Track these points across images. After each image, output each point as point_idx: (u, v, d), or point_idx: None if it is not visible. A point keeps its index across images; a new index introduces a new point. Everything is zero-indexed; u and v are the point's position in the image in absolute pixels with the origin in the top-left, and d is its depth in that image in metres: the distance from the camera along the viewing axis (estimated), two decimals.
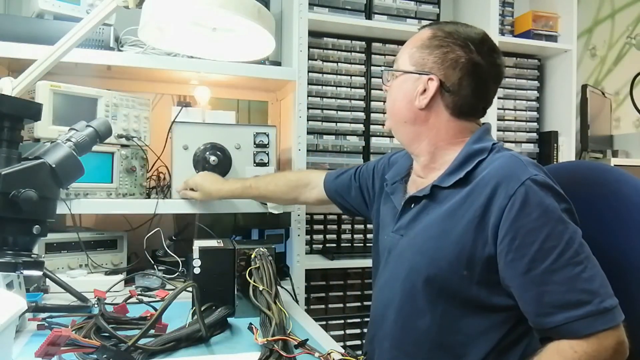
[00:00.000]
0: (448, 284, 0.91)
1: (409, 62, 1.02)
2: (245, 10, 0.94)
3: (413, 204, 1.02)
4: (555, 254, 0.82)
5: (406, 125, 1.03)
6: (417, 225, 0.99)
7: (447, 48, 0.98)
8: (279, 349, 0.87)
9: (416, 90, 1.00)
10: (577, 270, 0.82)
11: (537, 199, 0.85)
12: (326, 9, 1.93)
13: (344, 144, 1.99)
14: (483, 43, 0.99)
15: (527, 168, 0.89)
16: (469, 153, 0.97)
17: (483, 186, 0.90)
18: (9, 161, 0.78)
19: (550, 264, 0.82)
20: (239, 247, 1.16)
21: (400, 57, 1.06)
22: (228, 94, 1.88)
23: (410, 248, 0.98)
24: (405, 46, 1.05)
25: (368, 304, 2.01)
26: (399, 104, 1.04)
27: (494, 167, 0.91)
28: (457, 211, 0.92)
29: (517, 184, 0.86)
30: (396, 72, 1.05)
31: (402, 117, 1.03)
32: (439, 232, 0.94)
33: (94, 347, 0.85)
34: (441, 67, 0.98)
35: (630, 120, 2.76)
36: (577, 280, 0.81)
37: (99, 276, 1.41)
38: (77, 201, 1.34)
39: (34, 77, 0.87)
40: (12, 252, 0.76)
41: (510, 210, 0.85)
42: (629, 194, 0.98)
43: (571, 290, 0.81)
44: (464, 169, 0.95)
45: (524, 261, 0.84)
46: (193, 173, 1.47)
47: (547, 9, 2.26)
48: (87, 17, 0.92)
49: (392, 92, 1.06)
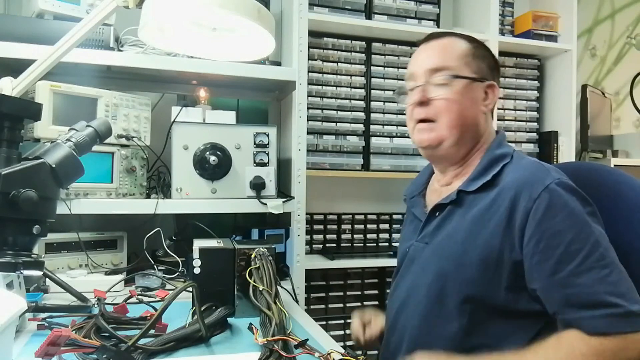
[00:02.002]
0: (476, 289, 0.91)
1: (468, 69, 1.02)
2: (245, 10, 0.94)
3: (438, 212, 1.03)
4: (581, 257, 0.83)
5: (471, 132, 1.02)
6: (442, 231, 1.00)
7: (490, 56, 1.06)
8: (279, 349, 0.87)
9: (481, 97, 1.03)
10: (604, 273, 0.82)
11: (561, 202, 0.86)
12: (326, 9, 1.93)
13: (344, 144, 1.99)
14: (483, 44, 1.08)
15: (550, 172, 0.90)
16: (493, 158, 0.99)
17: (507, 190, 0.91)
18: (9, 161, 0.78)
19: (576, 267, 0.83)
20: (239, 247, 1.16)
21: (451, 64, 1.01)
22: (228, 94, 1.88)
23: (436, 254, 0.99)
24: (448, 53, 1.02)
25: (368, 304, 2.02)
26: (469, 112, 1.01)
27: (518, 172, 0.93)
28: (484, 215, 0.93)
29: (541, 187, 0.87)
30: (461, 80, 1.00)
31: (471, 123, 1.02)
32: (465, 237, 0.94)
33: (94, 347, 0.85)
34: (492, 74, 1.05)
35: (630, 120, 2.76)
36: (603, 282, 0.82)
37: (99, 276, 1.41)
38: (77, 201, 1.34)
39: (34, 77, 0.87)
40: (12, 252, 0.76)
41: (535, 213, 0.86)
42: (629, 195, 0.99)
43: (598, 292, 0.82)
44: (490, 172, 0.96)
45: (550, 263, 0.85)
46: (193, 173, 1.47)
47: (547, 9, 2.26)
48: (87, 17, 0.92)
49: (454, 100, 1.00)
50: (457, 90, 1.00)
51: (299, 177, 1.66)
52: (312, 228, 2.01)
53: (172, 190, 1.46)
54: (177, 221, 1.75)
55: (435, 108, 1.01)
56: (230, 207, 1.51)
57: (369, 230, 2.10)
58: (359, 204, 2.18)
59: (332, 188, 2.14)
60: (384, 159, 2.03)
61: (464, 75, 1.01)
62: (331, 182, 2.10)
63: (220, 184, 1.50)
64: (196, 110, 1.54)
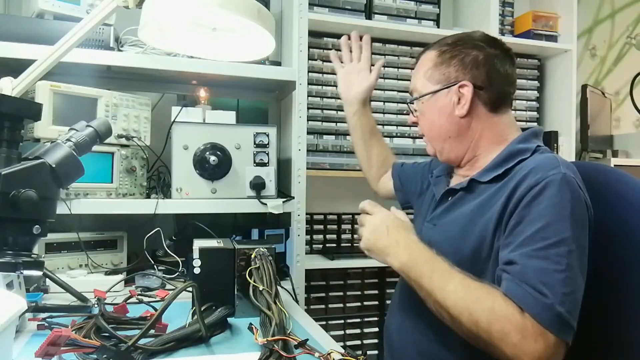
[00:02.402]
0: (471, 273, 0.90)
1: (431, 83, 1.05)
2: (245, 10, 0.94)
3: (450, 197, 1.06)
4: (542, 244, 0.83)
5: (451, 139, 1.05)
6: (449, 215, 1.03)
7: (460, 54, 1.03)
8: (279, 349, 0.87)
9: (451, 102, 1.03)
10: (554, 268, 0.81)
11: (551, 192, 0.86)
12: (326, 9, 1.93)
13: (344, 144, 1.99)
14: (487, 37, 1.06)
15: (559, 166, 0.89)
16: (512, 151, 0.99)
17: (513, 180, 0.92)
18: (9, 161, 0.78)
19: (533, 250, 0.83)
20: (239, 247, 1.16)
21: (417, 85, 1.09)
22: (228, 94, 1.88)
23: (440, 235, 1.01)
24: (416, 74, 1.10)
25: (368, 304, 2.02)
26: (439, 123, 1.06)
27: (528, 164, 0.93)
28: (485, 204, 0.95)
29: (542, 177, 0.87)
30: (422, 99, 1.07)
31: (446, 132, 1.05)
32: (466, 222, 0.96)
33: (94, 347, 0.85)
34: (465, 72, 1.02)
35: (630, 120, 2.76)
36: (547, 274, 0.81)
37: (99, 276, 1.41)
38: (77, 201, 1.34)
39: (34, 77, 0.87)
40: (12, 252, 0.76)
41: (525, 198, 0.87)
42: (629, 195, 0.98)
43: (535, 278, 0.81)
44: (504, 166, 0.97)
45: (514, 243, 0.86)
46: (193, 173, 1.47)
47: (547, 9, 2.26)
48: (87, 17, 0.92)
49: (426, 117, 1.08)
50: (423, 108, 1.08)
51: (299, 177, 1.66)
52: (312, 228, 2.01)
53: (172, 190, 1.46)
54: (177, 221, 1.75)
55: (419, 125, 1.12)
56: (230, 207, 1.51)
57: None
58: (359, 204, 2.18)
59: (332, 188, 2.14)
60: None
61: (424, 92, 1.06)
62: (331, 182, 2.10)
63: (220, 184, 1.50)
64: (196, 110, 1.54)
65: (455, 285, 0.86)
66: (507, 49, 1.06)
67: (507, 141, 1.03)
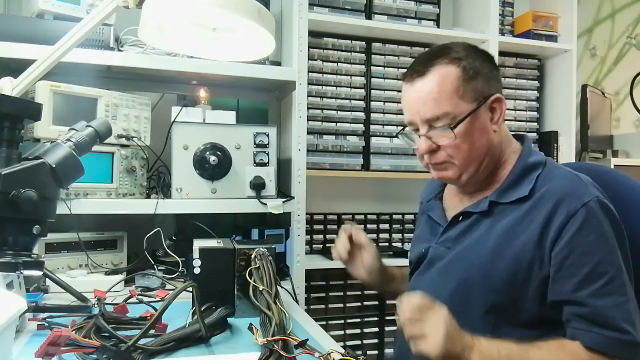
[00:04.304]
0: (502, 300, 0.91)
1: (466, 103, 0.94)
2: (245, 10, 0.94)
3: (461, 218, 1.02)
4: (605, 280, 0.84)
5: (488, 158, 0.99)
6: (468, 239, 0.99)
7: (479, 67, 0.96)
8: (279, 349, 0.87)
9: (487, 119, 0.97)
10: (622, 300, 0.84)
11: (596, 222, 0.87)
12: (326, 9, 1.93)
13: (344, 144, 1.99)
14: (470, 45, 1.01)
15: (589, 188, 0.90)
16: (526, 167, 0.97)
17: (544, 204, 0.90)
18: (9, 161, 0.78)
19: (598, 288, 0.84)
20: (239, 247, 1.16)
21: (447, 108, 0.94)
22: (228, 94, 1.88)
23: (461, 261, 0.98)
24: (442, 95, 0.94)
25: (368, 304, 2.02)
26: (479, 143, 0.96)
27: (556, 186, 0.92)
28: (516, 227, 0.92)
29: (579, 204, 0.87)
30: (456, 125, 0.94)
31: (486, 153, 0.98)
32: (495, 247, 0.93)
33: (94, 347, 0.85)
34: (490, 84, 0.97)
35: (630, 120, 2.76)
36: (620, 308, 0.84)
37: (99, 276, 1.41)
38: (77, 201, 1.34)
39: (34, 77, 0.87)
40: (12, 252, 0.76)
41: (570, 229, 0.87)
42: (629, 195, 0.98)
43: (614, 317, 0.83)
44: (526, 184, 0.95)
45: (574, 280, 0.86)
46: (193, 173, 1.47)
47: (547, 9, 2.26)
48: (87, 17, 0.92)
49: (464, 140, 0.95)
50: (462, 131, 0.94)
51: (299, 177, 1.66)
52: (312, 228, 2.01)
53: (172, 190, 1.46)
54: (177, 221, 1.75)
55: (445, 152, 0.97)
56: (230, 207, 1.51)
57: (369, 230, 2.09)
58: (359, 204, 2.18)
59: (332, 188, 2.14)
60: (383, 159, 2.03)
61: (464, 114, 0.94)
62: (331, 182, 2.10)
63: (220, 184, 1.50)
64: (196, 110, 1.54)
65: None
66: (492, 55, 1.04)
67: (514, 152, 1.01)
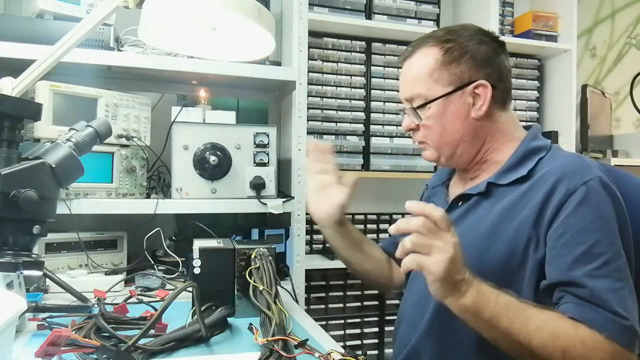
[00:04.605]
0: (497, 284, 0.87)
1: (440, 84, 0.96)
2: (245, 10, 0.94)
3: (461, 202, 1.01)
4: (600, 261, 0.81)
5: (465, 144, 1.00)
6: (466, 222, 0.97)
7: (471, 51, 0.97)
8: (279, 349, 0.87)
9: (467, 105, 0.97)
10: (617, 285, 0.81)
11: (596, 201, 0.84)
12: (326, 9, 1.93)
13: (344, 144, 1.99)
14: (484, 30, 1.01)
15: (592, 168, 0.88)
16: (528, 150, 0.96)
17: (543, 182, 0.88)
18: (9, 161, 0.78)
19: (593, 269, 0.81)
20: (239, 247, 1.16)
21: (419, 89, 0.98)
22: (228, 94, 1.88)
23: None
24: (415, 77, 0.98)
25: (368, 304, 2.02)
26: (452, 128, 0.98)
27: (557, 164, 0.90)
28: (514, 208, 0.90)
29: (580, 181, 0.85)
30: (431, 104, 0.97)
31: (460, 138, 0.99)
32: (491, 229, 0.92)
33: (94, 347, 0.85)
34: (478, 70, 0.96)
35: (630, 120, 2.76)
36: (615, 293, 0.80)
37: (99, 276, 1.41)
38: (77, 201, 1.34)
39: (34, 77, 0.87)
40: (12, 252, 0.76)
41: (567, 207, 0.84)
42: (630, 195, 0.98)
43: (609, 300, 0.80)
44: (525, 166, 0.93)
45: (568, 259, 0.82)
46: (193, 173, 1.47)
47: (547, 9, 2.26)
48: (87, 17, 0.92)
49: (436, 123, 0.98)
50: (433, 113, 0.98)
51: (299, 177, 1.66)
52: (312, 228, 2.01)
53: (172, 190, 1.46)
54: (177, 221, 1.75)
55: (421, 132, 1.02)
56: (230, 207, 1.51)
57: (369, 230, 2.09)
58: (359, 204, 2.18)
59: None
60: (384, 159, 2.03)
61: (435, 96, 0.97)
62: None
63: (220, 184, 1.50)
64: (196, 110, 1.54)
65: (537, 323, 0.79)
66: (502, 41, 1.02)
67: (516, 139, 1.00)
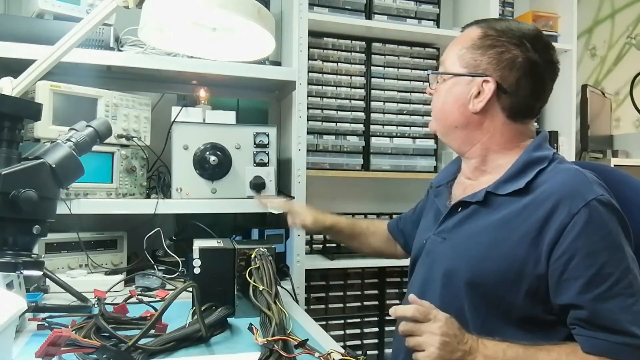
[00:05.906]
0: (492, 294, 0.89)
1: (459, 63, 0.97)
2: (245, 10, 0.94)
3: (460, 208, 1.00)
4: (611, 281, 0.81)
5: (457, 130, 1.00)
6: (463, 230, 0.97)
7: (501, 47, 0.94)
8: (279, 349, 0.87)
9: (470, 94, 0.96)
10: (630, 301, 0.81)
11: (600, 221, 0.84)
12: (326, 9, 1.93)
13: (344, 144, 1.99)
14: (539, 39, 0.96)
15: (593, 187, 0.86)
16: (529, 161, 0.94)
17: (544, 200, 0.87)
18: (9, 161, 0.78)
19: (604, 291, 0.81)
20: (239, 247, 1.16)
21: (447, 59, 1.00)
22: (228, 94, 1.88)
23: (452, 252, 0.96)
24: (452, 46, 1.00)
25: (368, 304, 2.02)
26: (449, 108, 0.99)
27: (557, 182, 0.89)
28: (512, 222, 0.89)
29: (581, 203, 0.84)
30: (445, 75, 0.99)
31: (453, 121, 0.99)
32: (489, 241, 0.91)
33: (94, 347, 0.85)
34: (497, 68, 0.94)
35: (630, 120, 2.76)
36: (627, 311, 0.81)
37: (99, 276, 1.41)
38: (77, 201, 1.34)
39: (34, 77, 0.87)
40: (12, 252, 0.76)
41: (572, 229, 0.83)
42: (630, 195, 0.98)
43: (621, 320, 0.80)
44: (524, 177, 0.92)
45: (579, 283, 0.82)
46: (193, 173, 1.47)
47: (547, 9, 2.26)
48: (87, 17, 0.92)
49: (441, 96, 1.01)
50: (442, 86, 1.01)
51: (299, 177, 1.66)
52: None
53: (172, 190, 1.46)
54: (177, 221, 1.75)
55: (433, 100, 1.05)
56: (230, 207, 1.51)
57: None
58: (359, 204, 2.18)
59: (332, 188, 2.14)
60: (383, 159, 2.03)
61: (450, 71, 0.99)
62: (331, 182, 2.10)
63: (220, 184, 1.50)
64: (196, 110, 1.54)
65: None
66: (554, 60, 0.98)
67: (519, 147, 0.97)
